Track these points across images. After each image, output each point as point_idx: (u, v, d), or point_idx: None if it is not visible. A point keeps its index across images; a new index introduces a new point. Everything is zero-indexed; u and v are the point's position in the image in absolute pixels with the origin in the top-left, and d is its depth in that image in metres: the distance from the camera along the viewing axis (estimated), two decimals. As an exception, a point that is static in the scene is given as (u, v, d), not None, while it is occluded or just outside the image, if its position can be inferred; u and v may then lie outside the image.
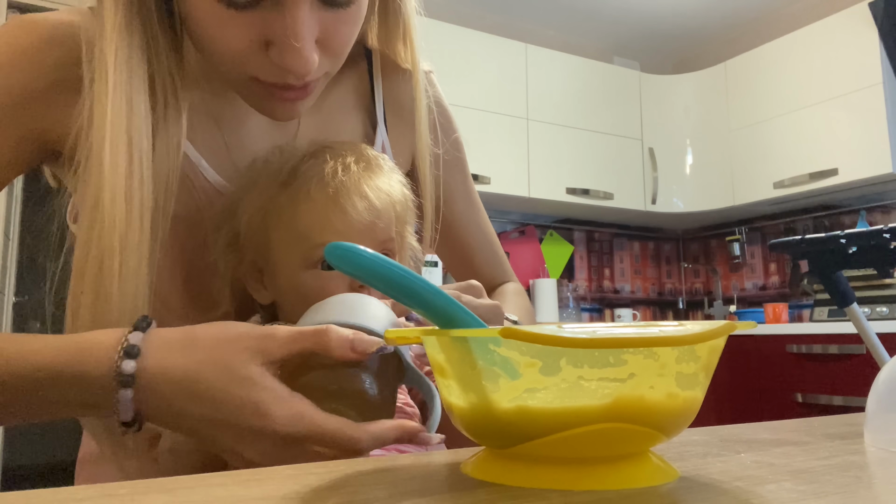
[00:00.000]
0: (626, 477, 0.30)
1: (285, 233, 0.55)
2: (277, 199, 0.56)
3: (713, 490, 0.29)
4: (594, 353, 0.27)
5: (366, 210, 0.55)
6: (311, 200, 0.55)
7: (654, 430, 0.29)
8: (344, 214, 0.54)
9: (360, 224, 0.54)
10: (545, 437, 0.29)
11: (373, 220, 0.55)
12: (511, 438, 0.30)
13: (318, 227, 0.54)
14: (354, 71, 0.73)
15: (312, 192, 0.55)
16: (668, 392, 0.29)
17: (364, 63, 0.74)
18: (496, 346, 0.29)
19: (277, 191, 0.56)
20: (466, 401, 0.31)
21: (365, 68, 0.73)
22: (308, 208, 0.54)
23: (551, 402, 0.28)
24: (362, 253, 0.31)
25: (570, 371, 0.28)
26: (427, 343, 0.33)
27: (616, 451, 0.30)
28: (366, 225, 0.55)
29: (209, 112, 0.64)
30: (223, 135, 0.64)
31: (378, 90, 0.73)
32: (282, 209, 0.55)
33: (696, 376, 0.30)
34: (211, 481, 0.31)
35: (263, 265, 0.58)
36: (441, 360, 0.32)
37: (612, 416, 0.28)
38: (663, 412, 0.29)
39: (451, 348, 0.31)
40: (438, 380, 0.33)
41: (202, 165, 0.61)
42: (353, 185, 0.55)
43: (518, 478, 0.30)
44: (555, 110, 3.37)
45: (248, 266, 0.58)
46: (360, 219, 0.54)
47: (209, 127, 0.63)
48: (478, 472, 0.32)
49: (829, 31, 3.07)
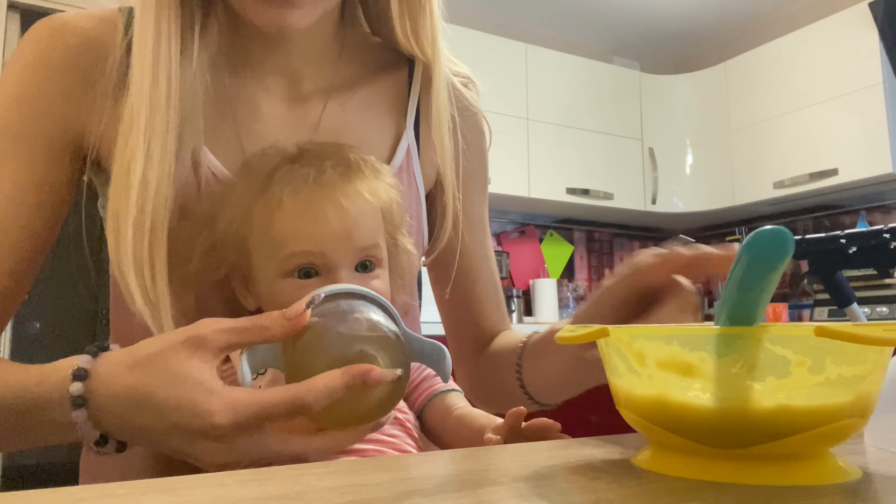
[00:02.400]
0: (814, 474, 0.31)
1: (260, 241, 0.54)
2: (252, 209, 0.55)
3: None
4: (851, 350, 0.29)
5: (337, 219, 0.53)
6: (282, 209, 0.53)
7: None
8: (315, 223, 0.53)
9: (333, 232, 0.53)
10: (799, 434, 0.30)
11: (348, 228, 0.53)
12: (761, 436, 0.31)
13: (290, 236, 0.53)
14: (392, 76, 0.73)
15: (284, 201, 0.53)
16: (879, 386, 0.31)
17: (405, 71, 0.74)
18: (773, 345, 0.30)
19: (253, 198, 0.55)
20: (716, 400, 0.31)
21: (405, 76, 0.74)
22: (280, 217, 0.53)
23: (806, 400, 0.30)
24: None
25: (832, 369, 0.29)
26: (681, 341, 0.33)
27: (835, 445, 0.32)
28: (341, 233, 0.53)
29: (227, 100, 0.64)
30: (237, 127, 0.64)
31: (414, 98, 0.73)
32: (256, 219, 0.54)
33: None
34: (211, 481, 0.31)
35: (247, 271, 0.57)
36: (693, 358, 0.32)
37: (856, 411, 0.30)
38: (874, 405, 0.32)
39: (717, 347, 0.32)
40: (675, 379, 0.32)
41: (208, 158, 0.61)
42: (327, 192, 0.54)
43: (692, 471, 0.32)
44: (555, 110, 3.37)
45: (230, 271, 0.58)
46: (333, 227, 0.53)
47: (224, 118, 0.64)
48: (655, 466, 0.34)
49: (829, 31, 3.07)
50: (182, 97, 0.57)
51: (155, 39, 0.56)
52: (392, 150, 0.70)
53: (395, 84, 0.73)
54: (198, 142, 0.60)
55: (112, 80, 0.59)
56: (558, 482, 0.32)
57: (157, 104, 0.55)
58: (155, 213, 0.54)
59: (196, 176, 0.60)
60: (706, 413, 0.31)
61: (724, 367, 0.31)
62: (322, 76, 0.69)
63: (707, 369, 0.31)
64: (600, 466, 0.35)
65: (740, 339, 0.31)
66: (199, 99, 0.59)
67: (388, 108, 0.72)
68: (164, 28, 0.56)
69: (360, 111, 0.70)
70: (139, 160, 0.54)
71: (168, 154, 0.55)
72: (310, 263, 0.53)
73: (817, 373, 0.29)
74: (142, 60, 0.56)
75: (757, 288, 0.31)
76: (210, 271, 0.57)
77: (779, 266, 0.30)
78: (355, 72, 0.71)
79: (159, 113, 0.55)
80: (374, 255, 0.56)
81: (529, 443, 0.48)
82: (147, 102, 0.55)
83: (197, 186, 0.60)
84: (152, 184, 0.54)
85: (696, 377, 0.31)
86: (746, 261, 0.31)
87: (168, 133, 0.55)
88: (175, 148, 0.56)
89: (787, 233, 0.29)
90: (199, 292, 0.60)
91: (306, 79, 0.68)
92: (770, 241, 0.30)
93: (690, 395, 0.32)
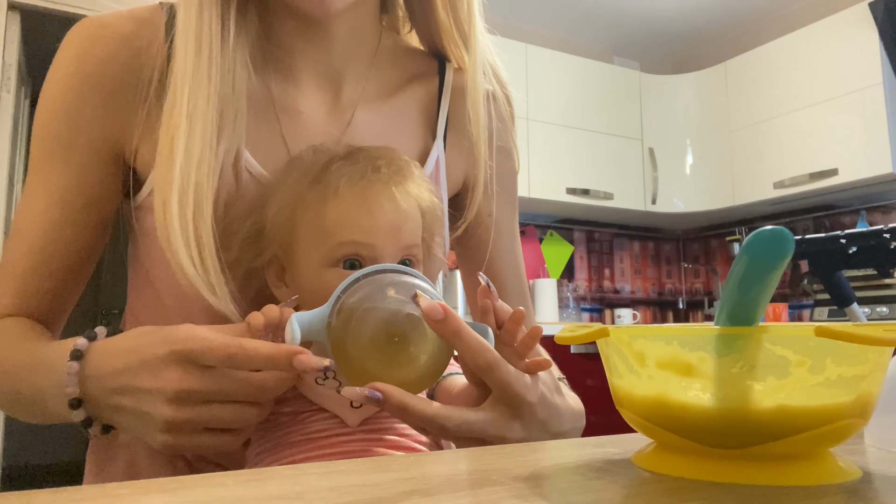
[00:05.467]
0: (814, 474, 0.31)
1: (311, 229, 0.55)
2: (306, 196, 0.56)
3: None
4: (851, 350, 0.29)
5: (392, 211, 0.54)
6: (338, 197, 0.54)
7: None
8: (370, 214, 0.54)
9: (385, 225, 0.54)
10: (799, 434, 0.30)
11: (399, 222, 0.55)
12: (761, 436, 0.31)
13: (343, 224, 0.54)
14: (423, 84, 0.74)
15: (341, 190, 0.54)
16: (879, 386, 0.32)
17: (436, 80, 0.75)
18: (773, 345, 0.30)
19: (307, 187, 0.56)
20: (716, 400, 0.31)
21: (436, 84, 0.74)
22: (335, 205, 0.54)
23: (806, 400, 0.30)
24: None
25: (832, 369, 0.29)
26: (680, 341, 0.33)
27: (835, 446, 0.32)
28: (391, 227, 0.54)
29: (268, 103, 0.65)
30: (280, 128, 0.65)
31: (444, 107, 0.73)
32: (309, 205, 0.55)
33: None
34: (211, 481, 0.31)
35: (286, 262, 0.57)
36: (693, 358, 0.32)
37: (856, 411, 0.30)
38: (874, 405, 0.32)
39: (717, 347, 0.32)
40: (675, 379, 0.33)
41: (246, 158, 0.61)
42: (382, 185, 0.55)
43: (692, 471, 0.32)
44: (555, 110, 3.37)
45: (269, 261, 0.58)
46: (386, 220, 0.54)
47: (266, 120, 0.64)
48: (655, 466, 0.34)
49: (829, 31, 3.07)
50: (223, 80, 0.58)
51: (198, 20, 0.57)
52: (421, 160, 0.70)
53: (426, 93, 0.74)
54: (240, 143, 0.61)
55: (153, 84, 0.60)
56: (558, 482, 0.32)
57: (199, 81, 0.57)
58: (199, 182, 0.56)
59: (235, 178, 0.61)
60: (706, 413, 0.31)
61: (724, 367, 0.31)
62: (359, 79, 0.70)
63: (707, 369, 0.31)
64: (600, 466, 0.35)
65: (740, 339, 0.31)
66: (242, 91, 0.60)
67: (419, 116, 0.73)
68: (207, 11, 0.58)
69: (392, 120, 0.71)
70: (182, 132, 0.56)
71: (209, 127, 0.57)
72: (357, 254, 0.54)
73: (817, 373, 0.30)
74: (185, 39, 0.57)
75: (757, 288, 0.31)
76: (248, 260, 0.58)
77: (779, 266, 0.30)
78: (388, 78, 0.72)
79: (201, 89, 0.57)
80: (415, 254, 0.57)
81: (529, 443, 0.48)
82: (190, 79, 0.56)
83: (236, 188, 0.61)
84: (195, 153, 0.56)
85: (696, 377, 0.31)
86: (746, 261, 0.31)
87: (209, 107, 0.57)
88: (217, 122, 0.57)
89: (787, 233, 0.29)
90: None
91: (346, 84, 0.69)
92: (770, 241, 0.30)
93: (690, 395, 0.32)
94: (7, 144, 2.34)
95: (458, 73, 0.75)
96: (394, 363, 0.47)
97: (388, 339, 0.46)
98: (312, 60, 0.67)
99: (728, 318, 0.32)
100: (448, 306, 0.46)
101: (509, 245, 0.79)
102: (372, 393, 0.45)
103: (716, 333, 0.32)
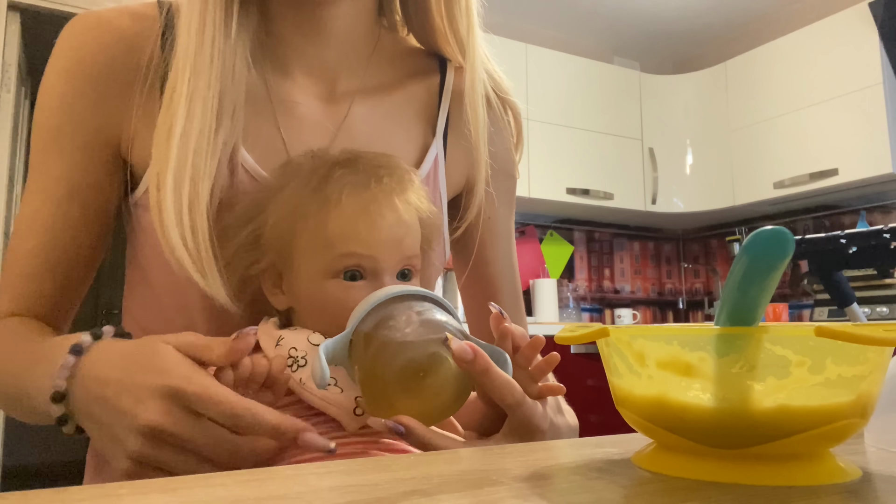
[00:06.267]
0: (814, 474, 0.31)
1: (311, 238, 0.54)
2: (307, 205, 0.54)
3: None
4: (851, 350, 0.29)
5: (395, 223, 0.54)
6: (340, 207, 0.53)
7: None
8: (373, 225, 0.53)
9: (387, 237, 0.53)
10: (799, 434, 0.30)
11: (401, 235, 0.54)
12: (761, 436, 0.31)
13: (345, 236, 0.53)
14: (423, 83, 0.73)
15: (343, 200, 0.53)
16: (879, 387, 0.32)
17: (437, 79, 0.74)
18: (773, 345, 0.30)
19: (308, 196, 0.55)
20: (716, 400, 0.31)
21: (436, 84, 0.74)
22: (337, 215, 0.53)
23: (806, 400, 0.30)
24: None
25: (832, 369, 0.30)
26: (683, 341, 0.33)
27: (835, 446, 0.32)
28: (393, 239, 0.54)
29: (265, 100, 0.64)
30: (277, 125, 0.64)
31: (444, 105, 0.73)
32: (310, 214, 0.54)
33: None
34: (211, 481, 0.31)
35: (284, 270, 0.56)
36: (693, 358, 0.32)
37: (856, 411, 0.30)
38: (874, 405, 0.32)
39: (717, 347, 0.32)
40: (675, 379, 0.33)
41: (242, 154, 0.61)
42: (385, 197, 0.54)
43: (692, 471, 0.32)
44: (555, 110, 3.37)
45: (266, 268, 0.57)
46: (388, 232, 0.53)
47: (264, 117, 0.64)
48: (655, 466, 0.34)
49: (829, 31, 3.07)
50: (224, 69, 0.58)
51: (202, 6, 0.58)
52: (419, 158, 0.70)
53: (426, 91, 0.73)
54: (238, 139, 0.60)
55: (148, 79, 0.60)
56: (558, 482, 0.32)
57: (201, 65, 0.57)
58: (195, 164, 0.55)
59: (231, 173, 0.60)
60: (706, 413, 0.31)
61: (724, 367, 0.31)
62: (356, 77, 0.69)
63: (707, 369, 0.31)
64: (600, 466, 0.35)
65: (740, 339, 0.31)
66: (241, 85, 0.60)
67: (418, 115, 0.72)
68: (210, 2, 0.58)
69: (390, 116, 0.70)
70: (181, 114, 0.56)
71: (209, 110, 0.57)
72: (358, 266, 0.53)
73: (817, 373, 0.30)
74: (189, 25, 0.58)
75: (757, 288, 0.31)
76: (244, 267, 0.57)
77: (779, 266, 0.30)
78: (387, 76, 0.72)
79: (203, 73, 0.57)
80: (414, 264, 0.56)
81: (529, 443, 0.48)
82: (192, 62, 0.57)
83: (231, 183, 0.60)
84: (193, 134, 0.56)
85: (696, 377, 0.31)
86: (746, 261, 0.30)
87: (209, 91, 0.57)
88: (216, 107, 0.57)
89: (787, 233, 0.29)
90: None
91: (341, 79, 0.68)
92: (770, 241, 0.30)
93: (690, 395, 0.32)
94: (7, 144, 2.34)
95: (458, 72, 0.75)
96: (418, 397, 0.47)
97: (415, 374, 0.47)
98: (308, 55, 0.67)
99: (728, 318, 0.32)
100: (476, 346, 0.47)
101: (506, 248, 0.79)
102: (396, 427, 0.46)
103: (716, 333, 0.32)
